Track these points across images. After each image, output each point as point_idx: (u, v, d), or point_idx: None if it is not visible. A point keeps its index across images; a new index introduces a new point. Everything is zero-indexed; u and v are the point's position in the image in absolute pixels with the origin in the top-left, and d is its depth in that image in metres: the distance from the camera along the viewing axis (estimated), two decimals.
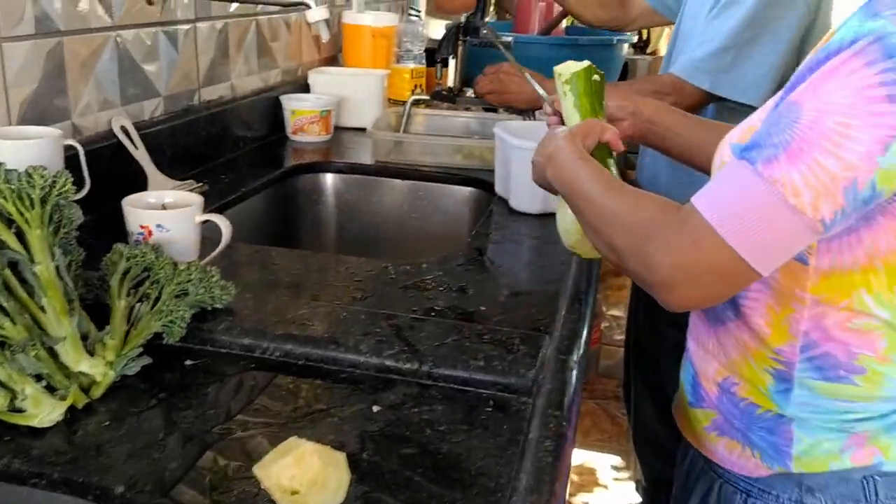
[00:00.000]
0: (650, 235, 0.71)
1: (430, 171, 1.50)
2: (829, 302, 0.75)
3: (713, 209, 0.68)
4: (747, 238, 0.66)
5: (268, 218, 1.43)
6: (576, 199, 0.82)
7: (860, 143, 0.62)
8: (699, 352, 0.89)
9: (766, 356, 0.80)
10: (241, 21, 1.54)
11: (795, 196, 0.64)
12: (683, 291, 0.70)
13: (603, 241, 0.78)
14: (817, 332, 0.76)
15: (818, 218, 0.65)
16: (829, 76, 0.64)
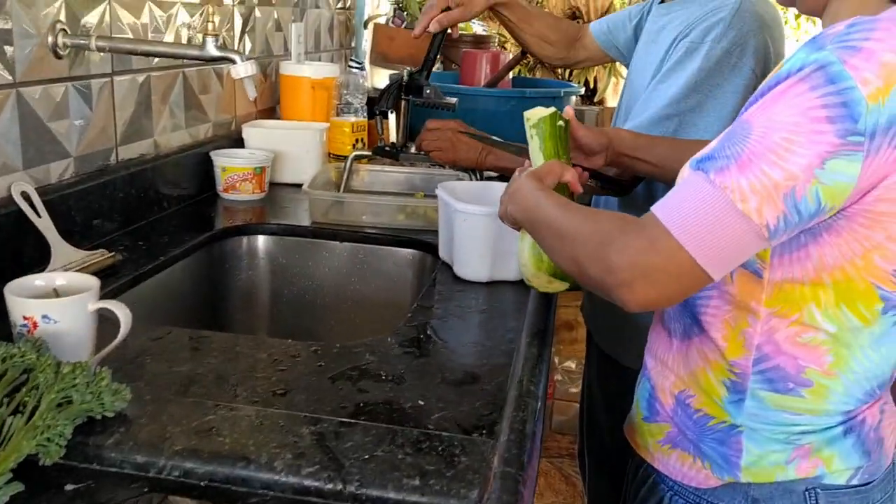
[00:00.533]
0: (610, 240, 0.76)
1: (370, 232, 1.41)
2: (781, 315, 0.80)
3: (670, 214, 0.74)
4: (700, 241, 0.72)
5: (191, 288, 1.31)
6: (537, 224, 0.88)
7: (801, 156, 0.68)
8: (657, 367, 0.95)
9: (723, 368, 0.85)
10: (166, 73, 1.44)
11: (743, 201, 0.70)
12: (641, 290, 0.74)
13: (565, 256, 0.83)
14: (769, 345, 0.82)
15: (763, 223, 0.70)
16: (777, 98, 0.71)
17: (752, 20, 1.20)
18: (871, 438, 0.86)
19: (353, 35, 2.68)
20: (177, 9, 1.46)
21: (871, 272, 0.76)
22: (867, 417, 0.85)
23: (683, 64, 1.22)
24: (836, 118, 0.68)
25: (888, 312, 0.79)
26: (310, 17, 2.19)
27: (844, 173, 0.69)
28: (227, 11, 1.67)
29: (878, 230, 0.74)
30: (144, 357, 0.86)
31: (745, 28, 1.19)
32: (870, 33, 0.70)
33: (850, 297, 0.78)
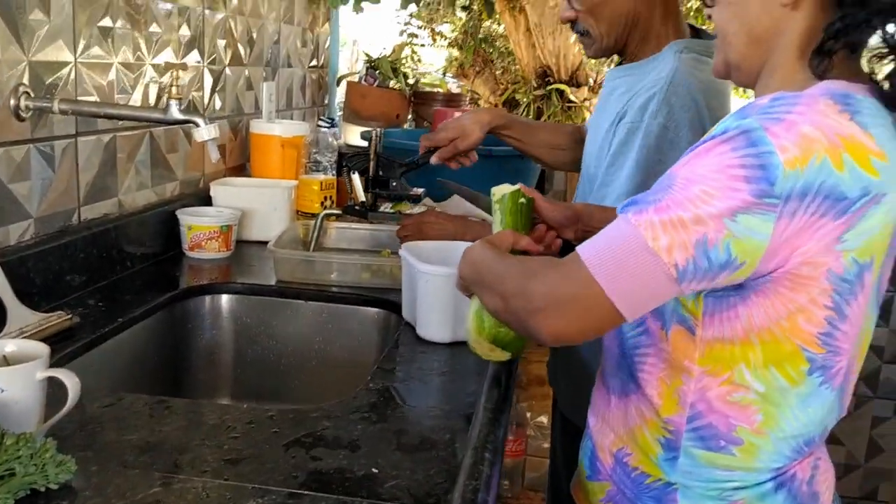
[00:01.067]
0: (532, 274, 0.81)
1: (336, 291, 1.41)
2: (712, 374, 0.82)
3: (587, 249, 0.78)
4: (612, 275, 0.75)
5: (152, 349, 1.29)
6: (479, 276, 0.92)
7: (715, 207, 0.72)
8: (598, 425, 0.97)
9: (659, 426, 0.87)
10: (132, 133, 1.45)
11: (654, 239, 0.73)
12: (552, 319, 0.78)
13: (495, 295, 0.86)
14: (702, 403, 0.83)
15: (672, 262, 0.73)
16: (702, 155, 0.75)
17: (685, 93, 1.21)
18: (803, 493, 0.87)
19: (326, 92, 2.71)
20: (144, 69, 1.47)
21: (796, 334, 0.78)
22: (798, 472, 0.86)
23: (628, 145, 1.24)
24: (752, 178, 0.71)
25: (814, 374, 0.81)
26: (282, 76, 2.22)
27: (757, 231, 0.72)
28: (197, 70, 1.69)
29: (802, 293, 0.76)
30: (96, 425, 0.85)
31: (678, 102, 1.21)
32: (792, 107, 0.73)
33: (778, 358, 0.80)
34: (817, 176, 0.71)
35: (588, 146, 1.44)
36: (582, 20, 1.33)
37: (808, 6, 0.79)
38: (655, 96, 1.23)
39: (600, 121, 1.37)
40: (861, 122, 0.74)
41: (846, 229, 0.73)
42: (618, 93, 1.33)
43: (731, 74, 0.89)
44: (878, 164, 0.73)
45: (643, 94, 1.26)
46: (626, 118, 1.27)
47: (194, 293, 1.40)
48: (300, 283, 1.42)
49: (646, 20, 1.31)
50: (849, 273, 0.76)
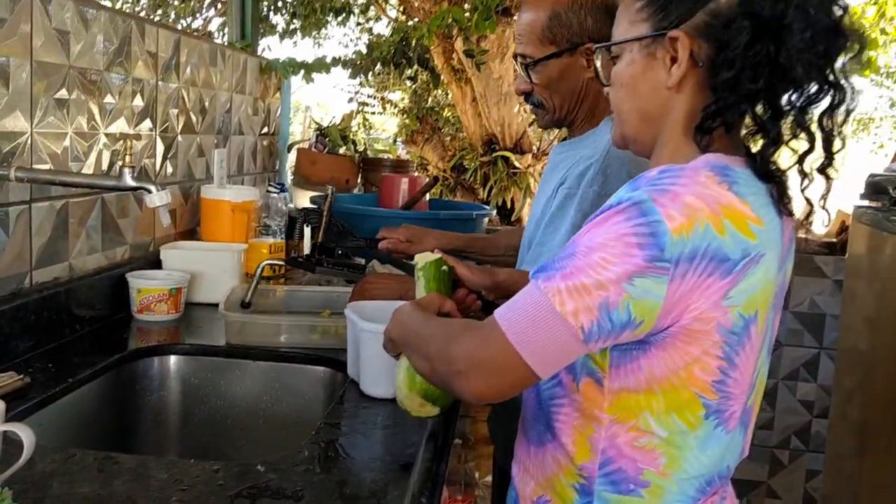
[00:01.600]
0: (455, 336, 0.87)
1: (284, 350, 1.45)
2: (621, 422, 0.88)
3: (504, 316, 0.84)
4: (525, 338, 0.81)
5: (102, 409, 1.31)
6: (407, 338, 0.98)
7: (613, 272, 0.79)
8: (520, 474, 1.01)
9: (573, 472, 0.92)
10: (84, 199, 1.49)
11: (561, 305, 0.80)
12: (473, 381, 0.84)
13: (420, 356, 0.92)
14: (612, 449, 0.89)
15: (578, 325, 0.80)
16: (600, 225, 0.82)
17: (619, 164, 1.31)
18: None
19: (277, 158, 2.79)
20: (98, 137, 1.53)
21: (693, 383, 0.86)
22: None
23: (564, 209, 1.35)
24: (644, 245, 0.78)
25: (710, 418, 0.88)
26: (233, 143, 2.29)
27: (652, 292, 0.79)
28: (149, 138, 1.75)
29: (695, 346, 0.83)
30: (48, 479, 0.87)
31: (613, 172, 1.31)
32: (677, 179, 0.82)
33: (678, 405, 0.86)
34: (702, 240, 0.79)
35: (531, 214, 1.54)
36: (537, 93, 1.43)
37: (689, 90, 0.88)
38: (592, 166, 1.34)
39: (543, 190, 1.48)
40: (738, 192, 0.83)
41: (731, 287, 0.81)
42: (560, 166, 1.44)
43: (628, 146, 0.98)
44: (755, 229, 0.82)
45: (581, 164, 1.36)
46: (565, 184, 1.37)
47: (143, 354, 1.43)
48: (248, 344, 1.46)
49: (594, 96, 1.42)
50: (736, 326, 0.84)
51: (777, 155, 0.87)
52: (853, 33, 0.84)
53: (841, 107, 0.85)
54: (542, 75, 1.41)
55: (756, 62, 0.82)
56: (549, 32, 1.37)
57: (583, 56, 1.39)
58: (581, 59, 1.40)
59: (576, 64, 1.40)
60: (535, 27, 1.39)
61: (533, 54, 1.39)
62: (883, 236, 2.05)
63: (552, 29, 1.38)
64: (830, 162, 0.87)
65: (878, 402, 2.04)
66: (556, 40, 1.38)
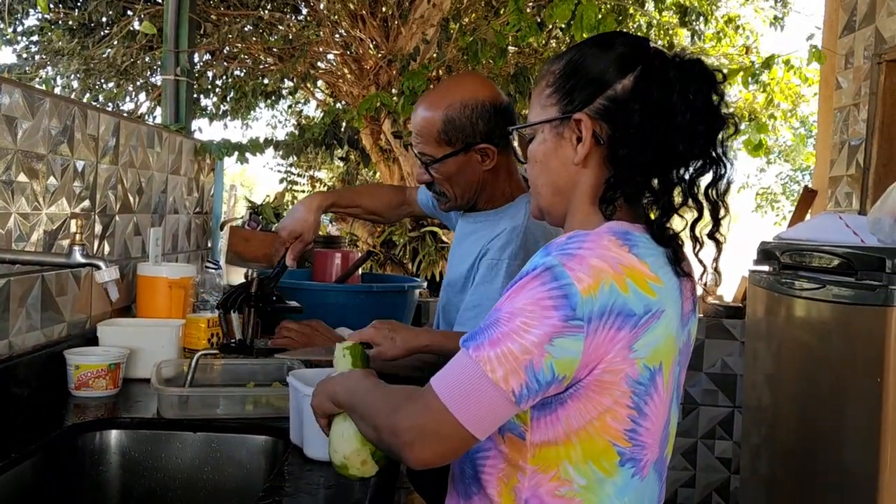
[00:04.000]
0: (397, 407, 0.92)
1: (223, 421, 1.48)
2: (542, 472, 0.94)
3: (440, 383, 0.90)
4: (462, 405, 0.87)
5: (41, 486, 1.31)
6: (354, 405, 1.02)
7: (534, 335, 0.87)
8: None
9: None
10: (25, 277, 1.52)
11: (493, 372, 0.87)
12: (420, 450, 0.89)
13: (369, 426, 0.97)
14: (535, 499, 0.95)
15: (509, 389, 0.86)
16: (518, 291, 0.90)
17: (540, 236, 1.45)
18: None
19: (210, 237, 2.83)
20: (40, 218, 1.57)
21: (606, 432, 0.93)
22: None
23: (489, 278, 1.46)
24: (559, 306, 0.86)
25: (625, 465, 0.95)
26: (168, 222, 2.33)
27: (570, 349, 0.87)
28: (87, 217, 1.79)
29: (606, 396, 0.91)
30: None
31: (533, 246, 1.42)
32: (582, 243, 0.91)
33: (594, 454, 0.93)
34: (609, 298, 0.88)
35: (448, 277, 1.65)
36: (438, 183, 1.56)
37: (593, 165, 0.99)
38: (513, 241, 1.46)
39: (459, 258, 1.59)
40: (638, 254, 0.92)
41: (635, 340, 0.90)
42: (475, 236, 1.56)
43: (544, 216, 1.09)
44: (655, 286, 0.92)
45: (503, 237, 1.48)
46: (489, 255, 1.49)
47: (81, 430, 1.44)
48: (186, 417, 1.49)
49: (492, 184, 1.56)
50: (642, 377, 0.92)
51: (672, 222, 0.99)
52: (729, 115, 0.98)
53: (723, 179, 0.98)
54: (441, 171, 1.53)
55: (647, 139, 0.94)
56: (444, 135, 1.49)
57: (477, 153, 1.52)
58: (475, 156, 1.52)
59: (471, 160, 1.52)
60: (430, 130, 1.51)
61: (432, 154, 1.52)
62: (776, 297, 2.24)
63: (447, 132, 1.50)
64: (717, 227, 0.99)
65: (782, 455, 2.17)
66: (451, 141, 1.50)
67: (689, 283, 1.02)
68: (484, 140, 1.50)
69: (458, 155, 1.50)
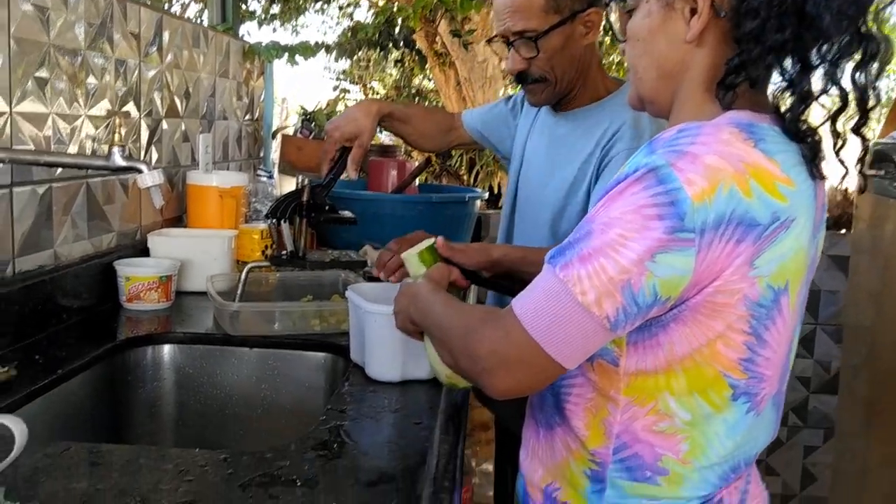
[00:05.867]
0: (473, 331, 0.82)
1: (280, 337, 1.40)
2: (638, 404, 0.82)
3: (522, 306, 0.78)
4: (548, 332, 0.76)
5: (92, 401, 1.25)
6: (429, 324, 0.93)
7: (634, 251, 0.73)
8: (528, 459, 0.96)
9: (585, 458, 0.86)
10: (68, 184, 1.42)
11: (583, 294, 0.74)
12: (500, 378, 0.78)
13: (444, 350, 0.88)
14: (628, 434, 0.83)
15: (603, 314, 0.74)
16: (615, 197, 0.76)
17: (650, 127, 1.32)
18: None
19: (261, 146, 2.72)
20: (81, 121, 1.46)
21: (717, 360, 0.79)
22: (724, 497, 0.86)
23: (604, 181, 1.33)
24: (664, 216, 0.72)
25: (738, 399, 0.82)
26: (218, 129, 2.22)
27: (677, 267, 0.73)
28: (133, 123, 1.69)
29: (719, 320, 0.77)
30: (40, 475, 0.82)
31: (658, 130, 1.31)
32: (695, 138, 0.76)
33: (701, 385, 0.80)
34: (727, 204, 0.73)
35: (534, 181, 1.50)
36: (538, 67, 1.41)
37: (710, 43, 0.82)
38: (646, 129, 1.32)
39: (557, 157, 1.45)
40: (765, 150, 0.76)
41: (757, 255, 0.75)
42: (576, 134, 1.43)
43: (645, 107, 0.93)
44: (785, 190, 0.76)
45: (629, 128, 1.34)
46: (620, 145, 1.35)
47: (134, 344, 1.37)
48: (243, 332, 1.41)
49: (588, 67, 1.44)
50: (764, 299, 0.78)
51: (807, 114, 0.81)
52: None
53: (874, 61, 0.79)
54: (546, 48, 1.39)
55: (782, 11, 0.77)
56: (553, 2, 1.37)
57: (582, 24, 1.40)
58: (580, 27, 1.40)
59: (576, 32, 1.40)
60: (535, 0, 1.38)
61: (536, 27, 1.38)
62: (888, 204, 2.04)
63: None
64: (865, 120, 0.82)
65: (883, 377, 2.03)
66: (559, 8, 1.37)
67: (822, 188, 0.85)
68: (590, 4, 1.38)
69: (566, 25, 1.38)
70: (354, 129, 1.54)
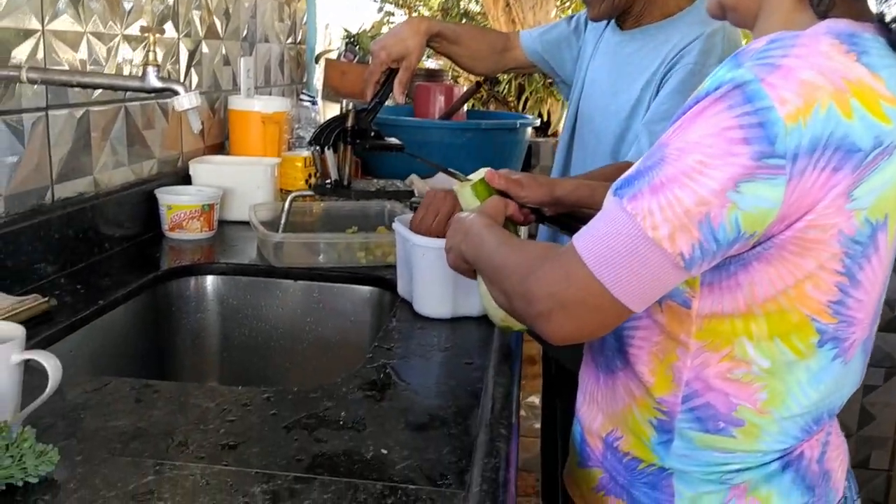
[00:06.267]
0: (530, 270, 0.74)
1: (326, 270, 1.35)
2: (711, 349, 0.75)
3: (585, 243, 0.70)
4: (614, 272, 0.68)
5: (134, 333, 1.23)
6: (482, 263, 0.84)
7: (714, 179, 0.64)
8: (585, 406, 0.90)
9: (650, 406, 0.80)
10: (106, 108, 1.37)
11: (654, 229, 0.66)
12: (559, 322, 0.71)
13: (497, 290, 0.80)
14: (699, 381, 0.77)
15: (676, 251, 0.66)
16: (694, 118, 0.67)
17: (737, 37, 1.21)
18: (813, 472, 0.81)
19: (305, 70, 2.64)
20: (117, 41, 1.39)
21: (804, 303, 0.72)
22: (806, 451, 0.81)
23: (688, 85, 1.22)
24: (751, 139, 0.64)
25: (825, 346, 0.74)
26: (259, 52, 2.14)
27: (765, 198, 0.65)
28: (171, 45, 1.62)
29: (810, 258, 0.70)
30: (79, 411, 0.79)
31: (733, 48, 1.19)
32: (789, 49, 0.67)
33: (784, 330, 0.73)
34: (825, 126, 0.64)
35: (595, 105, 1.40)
36: None
37: None
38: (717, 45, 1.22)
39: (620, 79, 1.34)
40: (869, 64, 0.67)
41: (856, 184, 0.66)
42: (642, 52, 1.32)
43: (726, 15, 0.82)
44: (890, 111, 0.66)
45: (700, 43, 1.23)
46: (685, 61, 1.24)
47: (177, 274, 1.33)
48: (288, 263, 1.36)
49: None
50: (861, 234, 0.69)
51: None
52: None
53: None
54: None
55: None
56: None
57: None
58: None
59: None
60: None
61: None
62: None
63: None
64: None
65: None
66: None
67: None
68: None
69: None
70: (402, 50, 1.45)
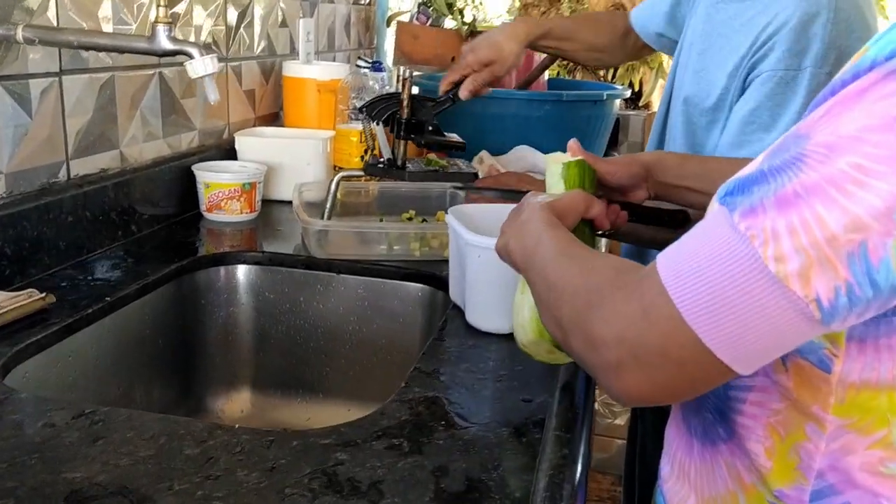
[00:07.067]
0: (597, 302, 0.54)
1: (373, 263, 1.18)
2: (857, 430, 0.56)
3: (672, 269, 0.50)
4: (711, 317, 0.48)
5: (159, 327, 1.09)
6: (532, 272, 0.65)
7: (879, 194, 0.43)
8: (673, 477, 0.71)
9: (764, 498, 0.60)
10: (136, 74, 1.22)
11: (778, 261, 0.46)
12: (631, 377, 0.51)
13: (550, 316, 0.61)
14: (836, 473, 0.57)
15: (810, 296, 0.45)
16: (852, 101, 0.46)
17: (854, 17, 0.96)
18: None
19: (375, 34, 2.46)
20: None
21: None
22: None
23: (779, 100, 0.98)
24: None
25: None
26: (322, 13, 1.97)
27: None
28: (216, 1, 1.46)
29: None
30: (30, 457, 0.64)
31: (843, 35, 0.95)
32: None
33: None
34: None
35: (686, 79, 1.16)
36: None
37: None
38: (816, 34, 0.96)
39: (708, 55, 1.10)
40: None
41: None
42: (741, 19, 1.06)
43: None
44: None
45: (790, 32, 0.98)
46: (770, 63, 1.00)
47: (205, 264, 1.18)
48: (333, 255, 1.19)
49: None
50: None
51: None
52: None
53: None
54: None
55: None
56: None
57: None
58: None
59: None
60: None
61: None
62: None
63: None
64: None
65: None
66: None
67: None
68: None
69: None
70: (492, 55, 1.28)
